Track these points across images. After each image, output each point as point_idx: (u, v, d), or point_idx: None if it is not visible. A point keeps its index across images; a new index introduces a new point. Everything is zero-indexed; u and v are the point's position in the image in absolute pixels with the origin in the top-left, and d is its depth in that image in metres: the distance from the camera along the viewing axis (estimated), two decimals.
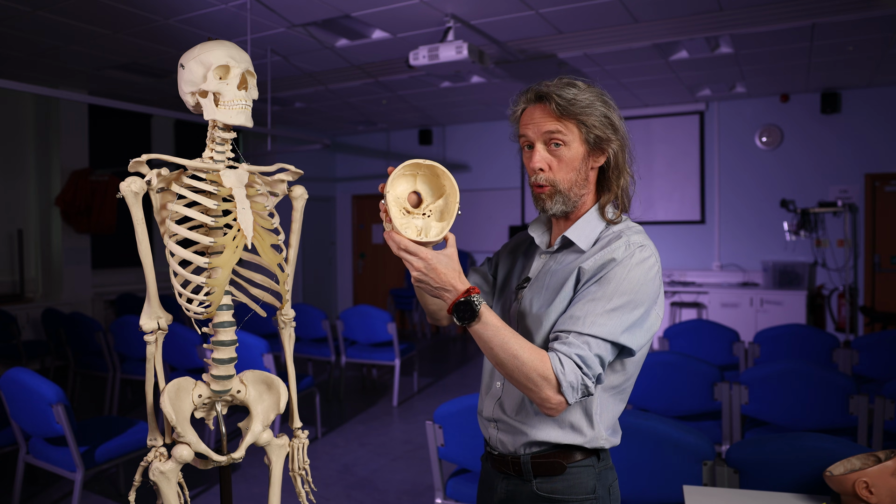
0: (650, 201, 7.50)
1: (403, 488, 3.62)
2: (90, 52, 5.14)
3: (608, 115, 1.27)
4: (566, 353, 1.15)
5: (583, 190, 1.31)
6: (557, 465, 1.29)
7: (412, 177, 1.23)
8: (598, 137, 1.26)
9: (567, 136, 1.26)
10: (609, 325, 1.17)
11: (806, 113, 6.84)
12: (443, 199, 1.23)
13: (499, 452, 1.36)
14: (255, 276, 1.52)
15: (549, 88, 1.26)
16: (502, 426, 1.34)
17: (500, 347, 1.15)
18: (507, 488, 1.35)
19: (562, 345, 1.16)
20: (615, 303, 1.18)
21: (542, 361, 1.14)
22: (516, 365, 1.14)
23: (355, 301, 9.80)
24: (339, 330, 5.38)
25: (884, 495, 1.50)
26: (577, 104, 1.24)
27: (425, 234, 1.20)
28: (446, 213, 1.21)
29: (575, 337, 1.16)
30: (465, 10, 4.33)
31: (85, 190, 6.29)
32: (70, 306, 6.34)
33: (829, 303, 6.63)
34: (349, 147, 9.65)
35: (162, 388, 1.37)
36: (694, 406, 3.08)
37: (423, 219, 1.22)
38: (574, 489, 1.29)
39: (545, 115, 1.26)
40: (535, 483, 1.30)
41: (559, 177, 1.28)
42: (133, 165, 1.32)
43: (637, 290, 1.20)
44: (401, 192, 1.22)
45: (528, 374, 1.14)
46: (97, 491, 3.53)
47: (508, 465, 1.34)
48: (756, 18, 4.48)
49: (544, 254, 1.38)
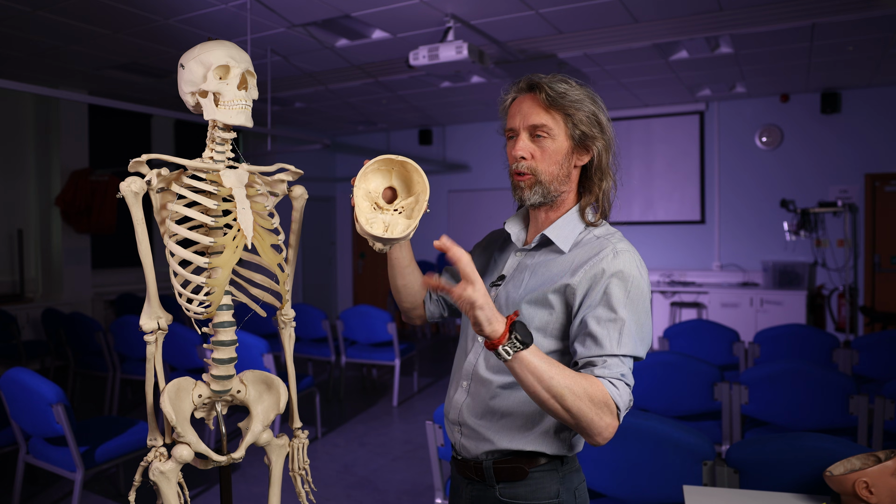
0: (650, 201, 7.50)
1: (403, 488, 3.62)
2: (90, 52, 5.14)
3: (596, 113, 1.27)
4: (613, 377, 1.13)
5: (564, 186, 1.29)
6: (519, 471, 1.27)
7: (388, 172, 1.24)
8: (584, 134, 1.26)
9: (553, 128, 1.25)
10: (631, 341, 1.17)
11: (806, 113, 6.84)
12: (414, 196, 1.23)
13: (462, 457, 1.35)
14: (255, 276, 1.52)
15: (541, 80, 1.26)
16: (466, 431, 1.33)
17: (557, 377, 1.07)
18: (472, 493, 1.34)
19: (603, 369, 1.14)
20: (629, 319, 1.18)
21: (599, 387, 1.10)
22: (576, 394, 1.07)
23: (355, 301, 9.80)
24: (339, 330, 5.38)
25: (884, 495, 1.50)
26: (567, 97, 1.24)
27: (391, 230, 1.20)
28: (416, 212, 1.21)
29: (610, 359, 1.15)
30: (465, 10, 4.33)
31: (85, 190, 6.29)
32: (70, 306, 6.34)
33: (829, 303, 6.62)
34: (349, 147, 9.65)
35: (162, 388, 1.37)
36: (694, 406, 3.08)
37: (392, 215, 1.22)
38: (537, 494, 1.27)
39: (534, 105, 1.26)
40: (499, 489, 1.29)
41: (541, 167, 1.27)
42: (133, 165, 1.32)
43: (640, 301, 1.20)
44: (374, 187, 1.23)
45: (588, 403, 1.08)
46: (97, 491, 3.53)
47: (472, 470, 1.33)
48: (756, 18, 4.48)
49: (520, 251, 1.36)
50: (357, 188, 1.20)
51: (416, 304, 1.52)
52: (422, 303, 1.52)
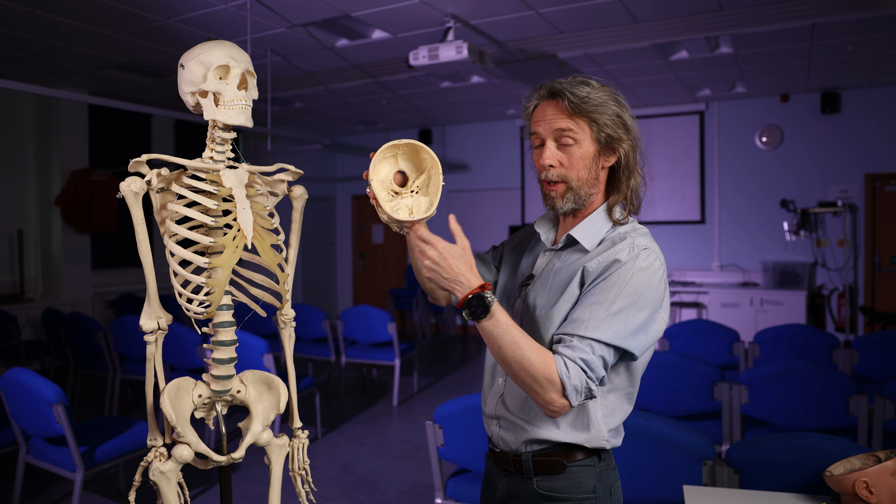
0: (650, 201, 7.40)
1: (403, 488, 3.62)
2: (90, 52, 5.14)
3: (620, 114, 1.27)
4: (570, 357, 1.15)
5: (593, 189, 1.30)
6: (558, 464, 1.28)
7: (393, 158, 1.25)
8: (610, 137, 1.26)
9: (578, 133, 1.26)
10: (612, 328, 1.17)
11: (806, 113, 6.84)
12: (425, 173, 1.25)
13: (500, 450, 1.36)
14: (255, 276, 1.52)
15: (562, 85, 1.26)
16: (504, 423, 1.34)
17: (508, 346, 1.15)
18: (509, 486, 1.35)
19: (566, 348, 1.16)
20: (618, 306, 1.18)
21: (548, 364, 1.14)
22: (523, 365, 1.14)
23: (355, 301, 9.80)
24: (339, 330, 5.38)
25: (884, 495, 1.50)
26: (590, 102, 1.24)
27: (416, 212, 1.21)
28: (432, 187, 1.23)
29: (579, 340, 1.16)
30: (465, 10, 4.33)
31: (85, 190, 6.29)
32: (70, 306, 6.34)
33: (829, 303, 6.62)
34: (349, 147, 9.65)
35: (162, 388, 1.37)
36: (694, 406, 3.08)
37: (412, 196, 1.24)
38: (574, 488, 1.29)
39: (557, 112, 1.26)
40: (536, 481, 1.30)
41: (570, 174, 1.27)
42: (133, 165, 1.32)
43: (640, 294, 1.19)
44: (385, 175, 1.24)
45: (533, 375, 1.14)
46: (97, 491, 3.53)
47: (510, 463, 1.34)
48: (756, 18, 4.48)
49: (549, 251, 1.37)
50: (372, 181, 1.21)
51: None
52: None
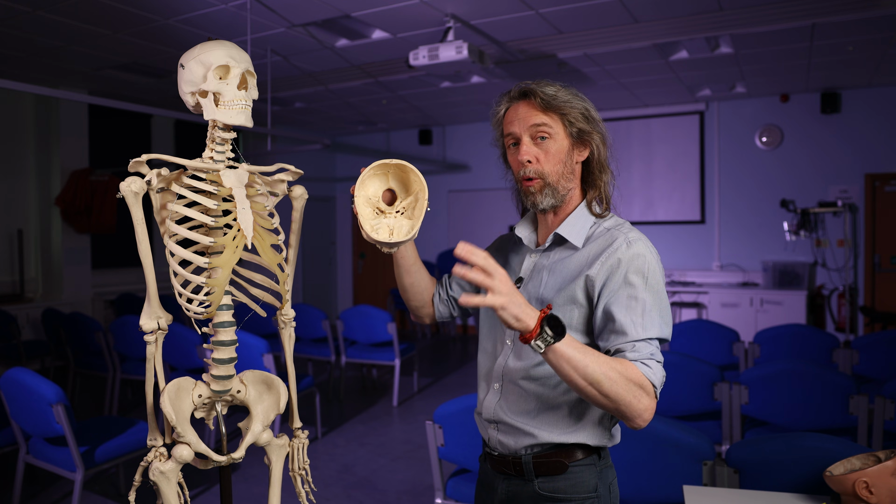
0: (650, 201, 7.50)
1: (403, 488, 3.62)
2: (90, 52, 5.14)
3: (588, 109, 1.31)
4: (643, 358, 1.15)
5: (570, 183, 1.33)
6: (559, 465, 1.29)
7: (384, 175, 1.25)
8: (581, 130, 1.30)
9: (553, 127, 1.30)
10: (654, 324, 1.20)
11: (806, 113, 6.84)
12: (413, 195, 1.25)
13: (499, 453, 1.36)
14: (255, 276, 1.52)
15: (531, 86, 1.31)
16: (503, 427, 1.34)
17: (593, 361, 1.09)
18: (509, 488, 1.35)
19: (633, 353, 1.16)
20: (650, 303, 1.20)
21: (632, 369, 1.12)
22: (611, 377, 1.09)
23: (355, 301, 9.80)
24: (339, 330, 5.38)
25: (884, 495, 1.50)
26: (559, 99, 1.29)
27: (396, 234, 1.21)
28: (417, 210, 1.23)
29: (638, 344, 1.17)
30: (465, 10, 4.33)
31: (85, 190, 6.29)
32: (70, 306, 6.33)
33: (829, 303, 6.62)
34: (349, 147, 9.65)
35: (162, 388, 1.37)
36: (694, 406, 3.08)
37: (395, 217, 1.23)
38: (576, 488, 1.29)
39: (530, 109, 1.31)
40: (538, 483, 1.30)
41: (547, 169, 1.30)
42: (133, 165, 1.32)
43: (658, 285, 1.23)
44: (373, 192, 1.24)
45: (625, 386, 1.10)
46: (97, 491, 3.53)
47: (509, 466, 1.33)
48: (756, 18, 4.48)
49: (534, 253, 1.38)
50: (357, 196, 1.21)
51: (424, 302, 1.54)
52: (430, 301, 1.55)
